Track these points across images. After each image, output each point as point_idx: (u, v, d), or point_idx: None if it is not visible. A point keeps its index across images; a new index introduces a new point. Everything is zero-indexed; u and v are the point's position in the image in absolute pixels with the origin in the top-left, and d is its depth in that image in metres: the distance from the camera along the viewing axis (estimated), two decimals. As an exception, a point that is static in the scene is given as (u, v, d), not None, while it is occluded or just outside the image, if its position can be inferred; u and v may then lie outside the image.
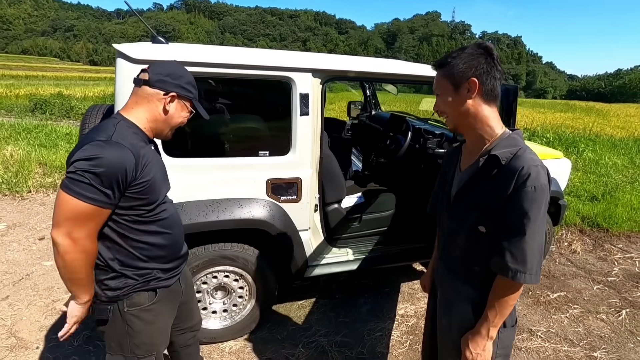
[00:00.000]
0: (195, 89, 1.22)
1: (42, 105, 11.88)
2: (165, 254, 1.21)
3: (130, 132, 1.09)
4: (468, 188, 1.01)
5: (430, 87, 3.92)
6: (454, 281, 1.07)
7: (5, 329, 2.19)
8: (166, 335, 1.31)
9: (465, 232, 1.01)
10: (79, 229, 0.99)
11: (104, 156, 0.98)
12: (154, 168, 1.12)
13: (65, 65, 69.97)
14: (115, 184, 1.01)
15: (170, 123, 1.19)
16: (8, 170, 4.78)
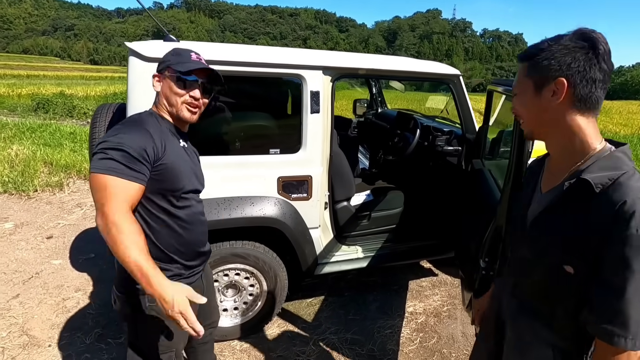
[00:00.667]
0: (178, 54, 1.14)
1: (45, 104, 11.90)
2: (185, 250, 1.20)
3: (153, 120, 1.14)
4: (549, 217, 0.82)
5: (436, 84, 3.93)
6: (531, 321, 0.88)
7: (17, 327, 2.20)
8: (185, 333, 1.29)
9: (544, 268, 0.82)
10: (109, 204, 0.98)
11: (123, 134, 1.04)
12: (177, 158, 1.13)
13: (66, 65, 70.08)
14: (136, 157, 1.02)
15: (168, 99, 1.14)
16: (14, 169, 4.79)
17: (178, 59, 1.13)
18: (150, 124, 1.11)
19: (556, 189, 0.82)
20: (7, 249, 3.08)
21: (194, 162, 1.24)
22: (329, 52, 2.04)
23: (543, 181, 0.89)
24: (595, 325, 0.73)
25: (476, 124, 2.39)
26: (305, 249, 2.11)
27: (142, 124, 1.09)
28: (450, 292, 2.73)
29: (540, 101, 0.78)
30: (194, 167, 1.24)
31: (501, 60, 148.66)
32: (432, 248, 2.50)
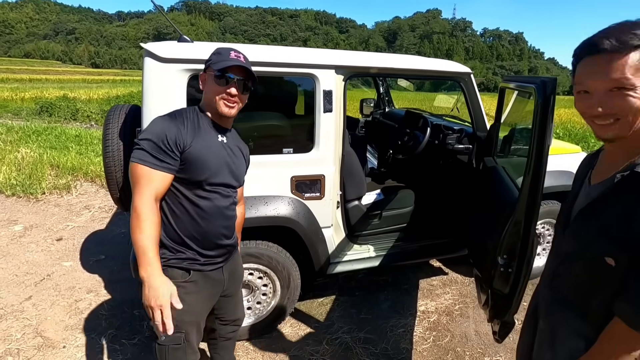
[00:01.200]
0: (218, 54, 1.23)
1: (48, 108, 11.95)
2: (202, 238, 1.26)
3: (193, 114, 1.23)
4: (596, 209, 0.82)
5: (443, 83, 3.92)
6: (565, 312, 0.89)
7: (32, 329, 2.21)
8: (196, 318, 1.32)
9: (585, 259, 0.82)
10: (136, 190, 1.11)
11: (153, 126, 1.15)
12: (206, 150, 1.20)
13: (67, 69, 70.35)
14: (162, 148, 1.12)
15: (208, 96, 1.24)
16: (21, 172, 4.81)
17: (218, 58, 1.21)
18: (187, 116, 1.21)
19: (607, 181, 0.82)
20: (17, 251, 3.10)
21: (231, 158, 1.29)
22: (341, 51, 2.05)
23: (594, 174, 0.89)
24: (629, 312, 0.74)
25: (487, 122, 2.39)
26: (318, 248, 2.11)
27: (176, 115, 1.19)
28: (461, 290, 2.73)
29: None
30: (231, 162, 1.29)
31: (502, 60, 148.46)
32: (443, 247, 2.50)
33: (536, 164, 1.29)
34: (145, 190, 1.11)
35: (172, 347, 1.28)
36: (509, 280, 1.44)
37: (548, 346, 0.95)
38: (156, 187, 1.12)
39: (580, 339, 0.85)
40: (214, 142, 1.24)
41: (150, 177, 1.11)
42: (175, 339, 1.27)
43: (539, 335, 0.99)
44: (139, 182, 1.11)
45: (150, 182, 1.11)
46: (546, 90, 1.23)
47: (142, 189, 1.10)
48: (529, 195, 1.31)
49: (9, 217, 3.75)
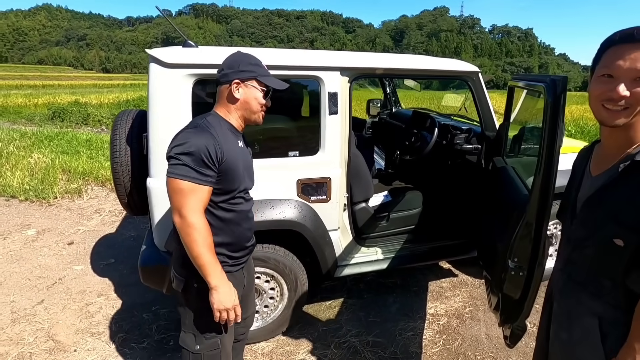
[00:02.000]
0: (260, 66, 1.26)
1: (61, 113, 12.17)
2: (233, 242, 1.30)
3: (218, 122, 1.22)
4: (601, 196, 0.90)
5: (449, 82, 3.87)
6: (578, 293, 0.96)
7: (43, 332, 2.24)
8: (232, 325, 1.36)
9: (596, 243, 0.90)
10: (184, 206, 1.11)
11: (191, 139, 1.13)
12: (237, 158, 1.23)
13: (79, 74, 71.70)
14: (205, 162, 1.12)
15: (250, 108, 1.26)
16: (34, 177, 4.90)
17: (262, 71, 1.25)
18: (216, 127, 1.21)
19: (610, 170, 0.90)
20: (30, 255, 3.15)
21: (247, 161, 1.34)
22: (346, 53, 2.03)
23: (592, 166, 0.96)
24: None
25: (496, 121, 2.35)
26: (325, 251, 2.09)
27: (209, 127, 1.18)
28: (471, 293, 2.68)
29: None
30: (249, 166, 1.35)
31: (511, 56, 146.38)
32: (452, 248, 2.46)
33: (547, 164, 1.25)
34: (195, 204, 1.12)
35: (208, 354, 1.31)
36: (520, 284, 1.40)
37: (564, 327, 1.00)
38: (203, 201, 1.15)
39: (594, 317, 0.92)
40: (238, 149, 1.27)
41: (197, 192, 1.13)
42: (212, 345, 1.31)
43: (555, 318, 1.05)
44: (186, 197, 1.11)
45: (198, 196, 1.13)
46: (556, 89, 1.19)
47: (190, 204, 1.11)
48: (539, 196, 1.28)
49: (23, 222, 3.83)
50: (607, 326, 0.90)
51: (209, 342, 1.30)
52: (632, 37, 0.80)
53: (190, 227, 1.11)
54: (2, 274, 2.86)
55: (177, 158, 1.11)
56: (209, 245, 1.15)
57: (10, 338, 2.19)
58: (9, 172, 5.02)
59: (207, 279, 1.16)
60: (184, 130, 1.18)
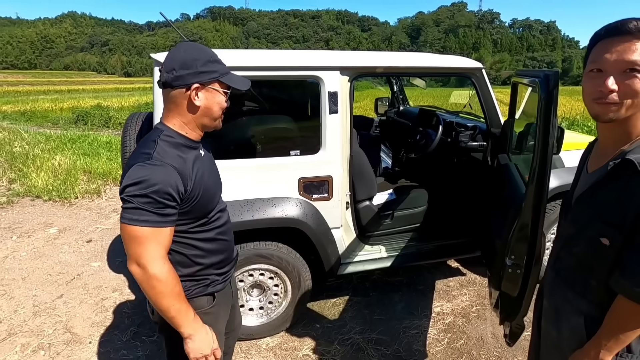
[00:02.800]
0: (219, 62, 1.05)
1: (84, 116, 12.64)
2: (222, 259, 1.19)
3: (172, 146, 1.02)
4: (591, 194, 0.89)
5: (458, 80, 3.81)
6: (565, 291, 0.96)
7: (62, 325, 2.36)
8: (222, 339, 1.27)
9: (584, 241, 0.90)
10: (143, 255, 0.95)
11: (147, 177, 0.94)
12: (204, 177, 1.07)
13: (102, 78, 74.21)
14: (166, 202, 0.96)
15: (211, 115, 1.06)
16: (57, 178, 5.13)
17: (224, 69, 1.06)
18: (171, 153, 1.01)
19: (601, 169, 0.89)
20: (52, 252, 3.31)
21: (212, 169, 1.18)
22: (345, 52, 2.05)
23: (590, 163, 0.96)
24: (625, 285, 0.80)
25: (502, 118, 2.32)
26: (327, 249, 2.12)
27: (164, 157, 0.98)
28: (479, 292, 2.65)
29: None
30: (213, 174, 1.18)
31: (533, 51, 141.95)
32: (458, 247, 2.44)
33: (541, 162, 1.24)
34: (156, 251, 0.96)
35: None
36: (517, 281, 1.39)
37: (553, 324, 1.01)
38: (165, 244, 0.99)
39: (580, 316, 0.92)
40: (200, 162, 1.09)
41: (158, 236, 0.96)
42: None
43: (544, 314, 1.06)
44: (144, 245, 0.95)
45: (158, 241, 0.97)
46: (549, 85, 1.18)
47: (150, 251, 0.95)
48: (534, 193, 1.27)
49: (46, 220, 4.02)
50: (592, 325, 0.89)
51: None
52: (618, 29, 0.80)
53: (153, 279, 0.95)
54: (26, 270, 3.03)
55: (131, 201, 0.93)
56: (178, 294, 0.99)
57: (31, 330, 2.32)
58: (34, 173, 5.27)
59: (180, 329, 1.01)
60: (137, 164, 0.96)
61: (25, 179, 5.12)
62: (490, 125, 2.30)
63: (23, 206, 4.42)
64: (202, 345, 1.04)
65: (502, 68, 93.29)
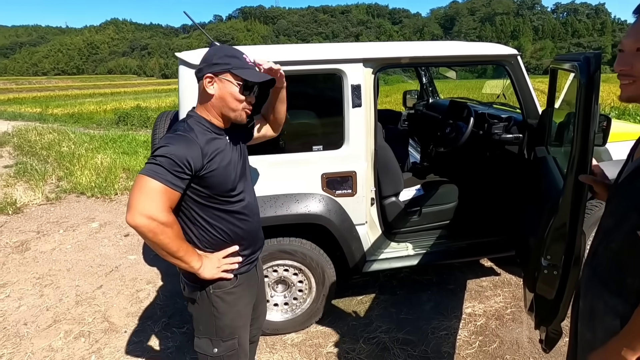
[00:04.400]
0: (234, 57, 1.15)
1: (125, 117, 13.37)
2: (243, 242, 1.27)
3: (198, 127, 1.17)
4: (629, 183, 0.84)
5: (491, 69, 3.61)
6: (601, 290, 0.91)
7: (100, 314, 2.50)
8: (246, 320, 1.35)
9: (621, 235, 0.84)
10: (154, 206, 1.04)
11: (172, 144, 1.09)
12: (224, 159, 1.17)
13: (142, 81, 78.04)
14: (184, 168, 1.07)
15: (227, 105, 1.16)
16: (99, 176, 5.45)
17: (239, 64, 1.14)
18: (197, 131, 1.15)
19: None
20: (93, 245, 3.52)
21: (240, 155, 1.27)
22: (368, 44, 1.99)
23: (637, 151, 0.91)
24: None
25: (539, 108, 2.16)
26: (352, 246, 2.08)
27: (188, 132, 1.13)
28: (514, 293, 2.51)
29: None
30: (242, 160, 1.28)
31: (578, 36, 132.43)
32: (490, 245, 2.32)
33: (580, 153, 1.13)
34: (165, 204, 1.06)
35: (227, 355, 1.28)
36: (554, 283, 1.29)
37: (588, 326, 0.96)
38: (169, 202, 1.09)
39: (617, 317, 0.86)
40: (225, 148, 1.21)
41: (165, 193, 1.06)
42: (230, 346, 1.28)
43: (580, 316, 1.01)
44: (154, 198, 1.04)
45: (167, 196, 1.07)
46: (590, 68, 1.07)
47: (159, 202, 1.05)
48: (573, 188, 1.16)
49: (89, 215, 4.28)
50: None
51: (227, 344, 1.28)
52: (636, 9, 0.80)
53: (165, 226, 1.05)
54: (70, 261, 3.23)
55: (154, 160, 1.07)
56: (182, 237, 1.13)
57: (74, 318, 2.48)
58: (79, 171, 5.63)
59: (191, 264, 1.14)
60: (167, 135, 1.15)
61: (72, 177, 5.48)
62: (526, 116, 2.15)
63: (69, 202, 4.73)
64: (211, 270, 1.19)
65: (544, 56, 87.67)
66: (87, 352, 2.17)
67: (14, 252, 3.41)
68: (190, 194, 1.15)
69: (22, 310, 2.57)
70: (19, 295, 2.74)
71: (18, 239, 3.68)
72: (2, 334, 2.33)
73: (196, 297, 1.25)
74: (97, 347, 2.19)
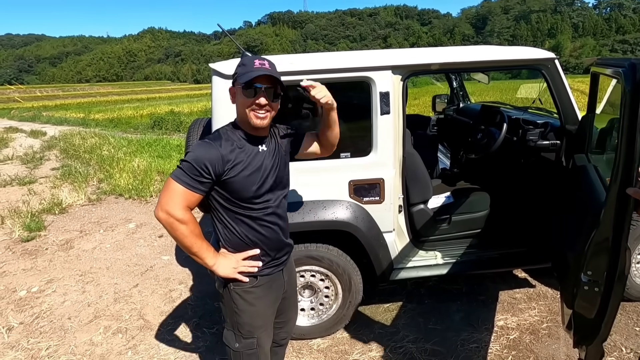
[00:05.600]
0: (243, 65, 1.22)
1: (159, 122, 13.95)
2: (264, 247, 1.32)
3: (229, 134, 1.27)
4: None
5: (527, 72, 3.47)
6: None
7: (136, 312, 2.62)
8: (266, 322, 1.38)
9: None
10: (171, 204, 1.18)
11: (195, 151, 1.22)
12: (249, 167, 1.24)
13: (175, 86, 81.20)
14: (200, 173, 1.18)
15: (239, 112, 1.27)
16: (136, 178, 5.73)
17: (243, 70, 1.22)
18: (225, 139, 1.25)
19: None
20: (130, 245, 3.70)
21: (274, 162, 1.31)
22: (397, 50, 1.98)
23: None
24: None
25: (579, 113, 2.06)
26: (379, 253, 2.07)
27: (215, 140, 1.24)
28: (551, 307, 2.39)
29: None
30: (275, 168, 1.31)
31: (623, 33, 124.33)
32: (524, 256, 2.23)
33: (626, 165, 1.08)
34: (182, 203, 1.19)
35: (246, 353, 1.35)
36: (595, 301, 1.22)
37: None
38: (188, 203, 1.21)
39: None
40: (257, 155, 1.27)
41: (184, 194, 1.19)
42: (249, 344, 1.34)
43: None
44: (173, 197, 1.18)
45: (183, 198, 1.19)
46: (635, 75, 1.02)
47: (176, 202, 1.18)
48: (617, 200, 1.10)
49: (126, 217, 4.51)
50: None
51: (246, 342, 1.34)
52: None
53: (178, 222, 1.18)
54: (109, 260, 3.42)
55: (181, 165, 1.21)
56: (198, 235, 1.22)
57: (112, 314, 2.62)
58: (117, 174, 5.95)
59: (205, 261, 1.24)
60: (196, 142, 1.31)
61: (111, 179, 5.80)
62: (564, 121, 2.06)
63: (109, 203, 5.01)
64: (226, 269, 1.27)
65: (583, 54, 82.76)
66: (124, 347, 2.28)
67: (60, 250, 3.65)
68: (215, 195, 1.26)
69: (67, 305, 2.74)
70: (63, 291, 2.93)
71: (63, 237, 3.94)
72: (49, 327, 2.50)
73: (222, 290, 1.34)
74: (134, 344, 2.31)
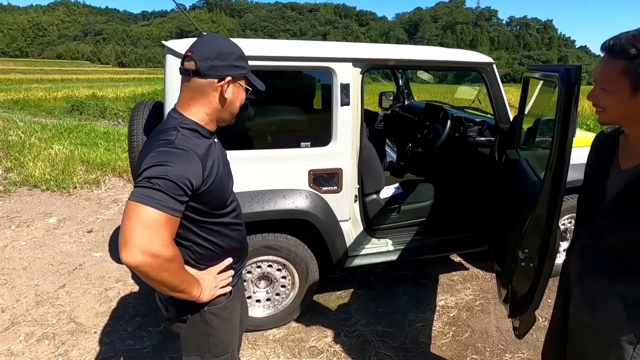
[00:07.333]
0: (246, 60, 1.06)
1: (79, 106, 12.50)
2: (236, 252, 1.18)
3: (192, 134, 1.01)
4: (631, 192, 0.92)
5: (464, 74, 3.82)
6: (599, 278, 1.00)
7: (65, 315, 2.34)
8: (237, 333, 1.30)
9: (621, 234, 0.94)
10: (157, 240, 0.88)
11: (171, 163, 0.91)
12: (220, 166, 1.07)
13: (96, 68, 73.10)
14: (184, 191, 0.93)
15: (231, 109, 1.07)
16: (54, 168, 5.06)
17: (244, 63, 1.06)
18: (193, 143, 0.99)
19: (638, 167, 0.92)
20: (52, 242, 3.28)
21: (223, 158, 1.16)
22: (358, 44, 2.04)
23: (621, 158, 0.98)
24: None
25: (510, 114, 2.32)
26: (335, 242, 2.12)
27: (190, 149, 0.96)
28: (482, 286, 2.68)
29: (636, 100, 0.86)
30: (225, 163, 1.16)
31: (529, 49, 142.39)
32: (463, 241, 2.46)
33: (559, 156, 1.25)
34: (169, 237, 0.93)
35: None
36: (530, 275, 1.41)
37: (587, 311, 1.04)
38: (174, 232, 0.96)
39: (619, 299, 0.96)
40: (216, 152, 1.08)
41: (170, 224, 0.92)
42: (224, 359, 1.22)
43: (574, 303, 1.09)
44: (156, 230, 0.88)
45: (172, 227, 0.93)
46: (570, 79, 1.18)
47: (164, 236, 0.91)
48: (551, 188, 1.28)
49: (45, 210, 3.97)
50: (632, 306, 0.94)
51: (221, 358, 1.20)
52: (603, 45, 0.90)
53: (169, 261, 0.92)
54: (26, 259, 2.99)
55: (150, 183, 0.89)
56: (183, 266, 1.00)
57: (35, 319, 2.30)
58: (31, 162, 5.19)
59: (192, 294, 1.02)
60: (159, 149, 0.94)
61: (22, 168, 5.04)
62: (499, 120, 2.31)
63: (20, 195, 4.36)
64: (210, 291, 1.09)
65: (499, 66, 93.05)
66: (52, 354, 2.03)
67: (-41, 250, 3.10)
68: (186, 212, 0.99)
69: (-27, 312, 2.35)
70: (-33, 297, 2.50)
71: (-38, 235, 3.34)
72: (-49, 338, 2.12)
73: (186, 317, 1.12)
74: (65, 349, 2.06)
